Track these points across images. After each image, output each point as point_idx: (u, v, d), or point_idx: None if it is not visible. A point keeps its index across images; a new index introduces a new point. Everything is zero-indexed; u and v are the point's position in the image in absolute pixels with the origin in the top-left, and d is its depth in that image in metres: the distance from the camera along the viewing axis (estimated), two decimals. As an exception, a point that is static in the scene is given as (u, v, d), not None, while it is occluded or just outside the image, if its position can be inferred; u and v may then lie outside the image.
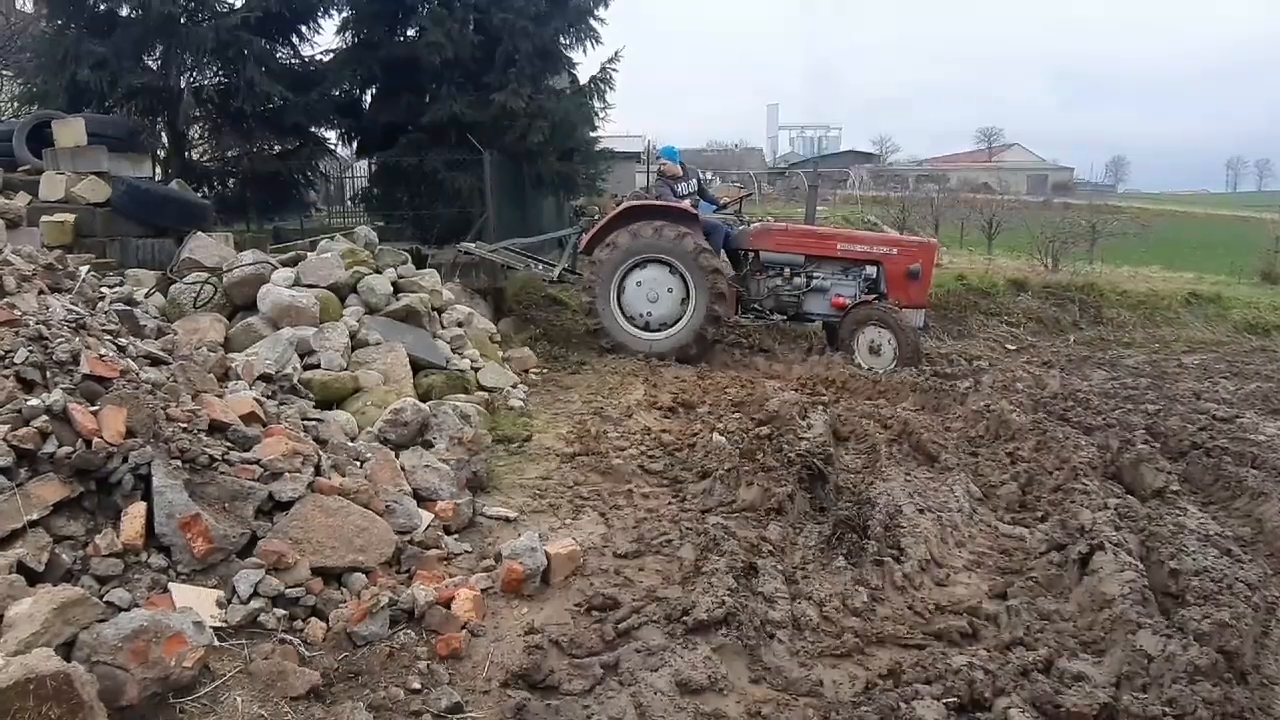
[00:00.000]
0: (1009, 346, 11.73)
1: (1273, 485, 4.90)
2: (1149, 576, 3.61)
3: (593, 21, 13.02)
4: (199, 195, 10.04)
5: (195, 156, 13.24)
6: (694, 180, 10.11)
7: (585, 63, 31.91)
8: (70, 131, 8.26)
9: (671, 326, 9.12)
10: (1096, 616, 3.37)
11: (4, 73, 16.18)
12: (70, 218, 7.17)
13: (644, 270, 9.11)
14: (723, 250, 9.56)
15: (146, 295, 6.24)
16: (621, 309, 9.20)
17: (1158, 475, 5.10)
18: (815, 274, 9.51)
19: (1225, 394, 8.11)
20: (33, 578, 2.85)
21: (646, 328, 9.17)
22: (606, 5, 13.06)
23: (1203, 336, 13.03)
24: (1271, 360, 10.67)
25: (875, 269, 9.39)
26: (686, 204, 9.43)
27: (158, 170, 11.33)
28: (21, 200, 7.29)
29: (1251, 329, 13.48)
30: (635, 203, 9.43)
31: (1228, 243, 25.13)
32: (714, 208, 10.31)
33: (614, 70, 13.35)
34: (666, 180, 9.76)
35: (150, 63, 11.69)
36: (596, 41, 13.19)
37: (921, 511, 4.54)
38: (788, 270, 9.53)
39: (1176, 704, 2.71)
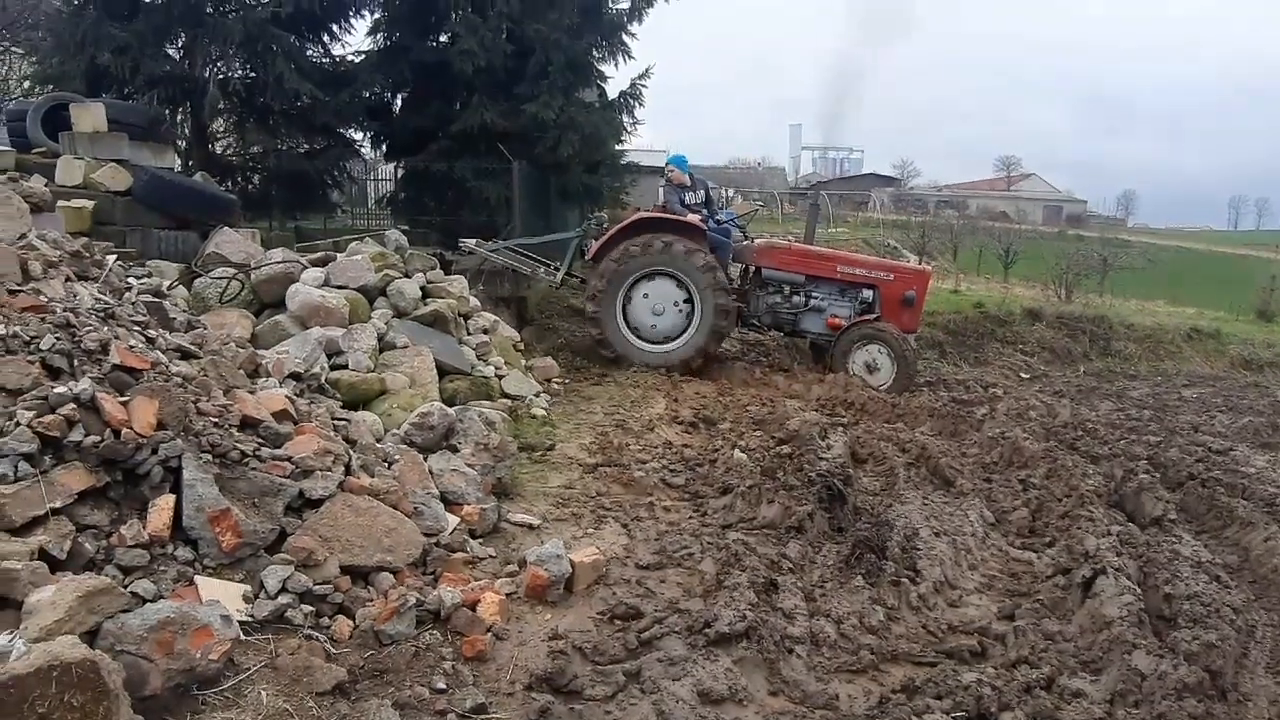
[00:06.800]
0: (1023, 375, 11.85)
1: (1260, 515, 5.06)
2: (1145, 600, 3.76)
3: (625, 37, 13.14)
4: (224, 189, 9.94)
5: (218, 150, 13.17)
6: (702, 191, 10.00)
7: (616, 77, 31.96)
8: (89, 116, 7.98)
9: (675, 339, 9.16)
10: (1096, 637, 3.51)
11: (14, 50, 15.88)
12: (89, 204, 6.92)
13: (651, 283, 9.12)
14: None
15: (169, 288, 6.21)
16: (626, 320, 9.20)
17: (1157, 504, 5.23)
18: (814, 293, 9.61)
19: (1220, 427, 8.32)
20: (54, 565, 2.82)
21: (653, 340, 9.18)
22: (640, 21, 13.19)
23: (1202, 371, 13.42)
24: (1263, 396, 10.98)
25: (871, 292, 9.49)
26: (695, 218, 9.35)
27: (178, 162, 11.32)
28: (39, 183, 6.92)
29: (1246, 365, 13.95)
30: (644, 215, 9.40)
31: (1228, 279, 25.39)
32: (716, 221, 10.31)
33: (644, 86, 13.46)
34: (674, 187, 9.67)
35: (173, 51, 11.53)
36: (628, 56, 13.32)
37: (937, 535, 4.60)
38: (787, 288, 9.62)
39: (1165, 719, 2.87)
